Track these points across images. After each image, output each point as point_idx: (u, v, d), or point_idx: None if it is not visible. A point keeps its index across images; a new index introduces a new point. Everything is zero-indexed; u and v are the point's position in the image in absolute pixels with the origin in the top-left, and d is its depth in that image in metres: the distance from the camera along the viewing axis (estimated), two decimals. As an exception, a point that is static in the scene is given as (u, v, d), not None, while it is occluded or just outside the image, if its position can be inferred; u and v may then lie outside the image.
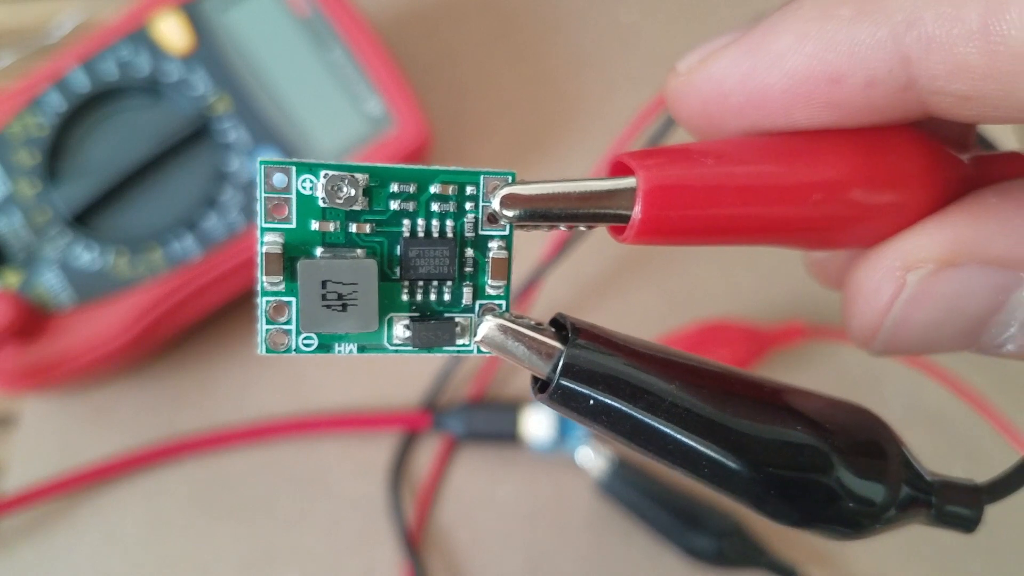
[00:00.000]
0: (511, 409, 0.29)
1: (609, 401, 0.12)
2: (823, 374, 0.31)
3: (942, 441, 0.31)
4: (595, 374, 0.12)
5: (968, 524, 0.14)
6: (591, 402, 0.12)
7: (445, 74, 0.36)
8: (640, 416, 0.12)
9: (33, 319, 0.27)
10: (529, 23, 0.37)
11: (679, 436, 0.12)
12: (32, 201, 0.28)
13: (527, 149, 0.35)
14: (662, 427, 0.12)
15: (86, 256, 0.28)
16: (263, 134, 0.29)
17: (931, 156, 0.13)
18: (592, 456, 0.29)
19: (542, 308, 0.32)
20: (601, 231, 0.13)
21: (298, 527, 0.29)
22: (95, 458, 0.29)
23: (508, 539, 0.29)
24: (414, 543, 0.29)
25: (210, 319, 0.31)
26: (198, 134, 0.29)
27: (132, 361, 0.30)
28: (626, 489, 0.28)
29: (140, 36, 0.29)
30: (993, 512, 0.31)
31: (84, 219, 0.28)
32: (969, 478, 0.14)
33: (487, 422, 0.29)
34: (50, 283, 0.28)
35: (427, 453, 0.30)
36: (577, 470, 0.29)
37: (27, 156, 0.29)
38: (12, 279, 0.28)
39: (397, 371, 0.31)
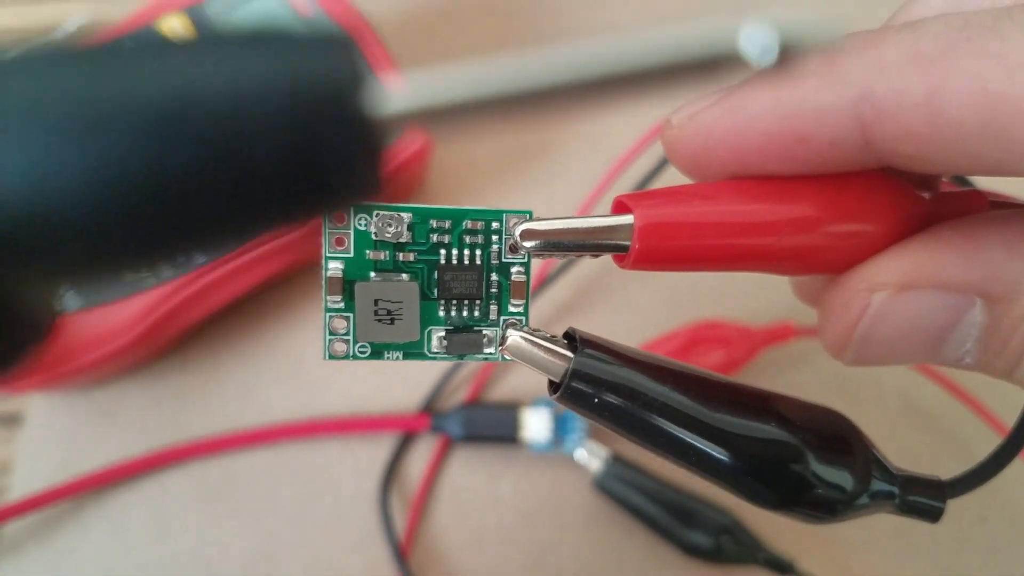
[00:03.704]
0: (509, 410, 0.30)
1: (610, 400, 0.14)
2: (815, 372, 0.32)
3: (937, 440, 0.31)
4: (598, 378, 0.14)
5: (931, 514, 0.15)
6: (595, 400, 0.14)
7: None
8: (636, 412, 0.14)
9: (39, 318, 0.27)
10: (529, 27, 0.37)
11: (670, 429, 0.14)
12: (38, 202, 0.29)
13: (526, 152, 0.35)
14: (655, 422, 0.14)
15: (91, 256, 0.28)
16: (266, 136, 0.30)
17: (894, 195, 0.15)
18: (589, 455, 0.29)
19: (548, 308, 0.33)
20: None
21: (302, 529, 0.29)
22: (100, 457, 0.30)
23: (506, 537, 0.29)
24: (405, 546, 0.29)
25: (214, 319, 0.31)
26: (202, 136, 0.30)
27: (137, 361, 0.30)
28: (623, 487, 0.28)
29: (145, 40, 0.30)
30: (992, 510, 0.31)
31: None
32: (935, 475, 0.16)
33: (485, 423, 0.30)
34: (56, 283, 0.28)
35: (426, 454, 0.31)
36: (574, 469, 0.30)
37: (33, 158, 0.29)
38: (18, 279, 0.28)
39: (398, 374, 0.32)
